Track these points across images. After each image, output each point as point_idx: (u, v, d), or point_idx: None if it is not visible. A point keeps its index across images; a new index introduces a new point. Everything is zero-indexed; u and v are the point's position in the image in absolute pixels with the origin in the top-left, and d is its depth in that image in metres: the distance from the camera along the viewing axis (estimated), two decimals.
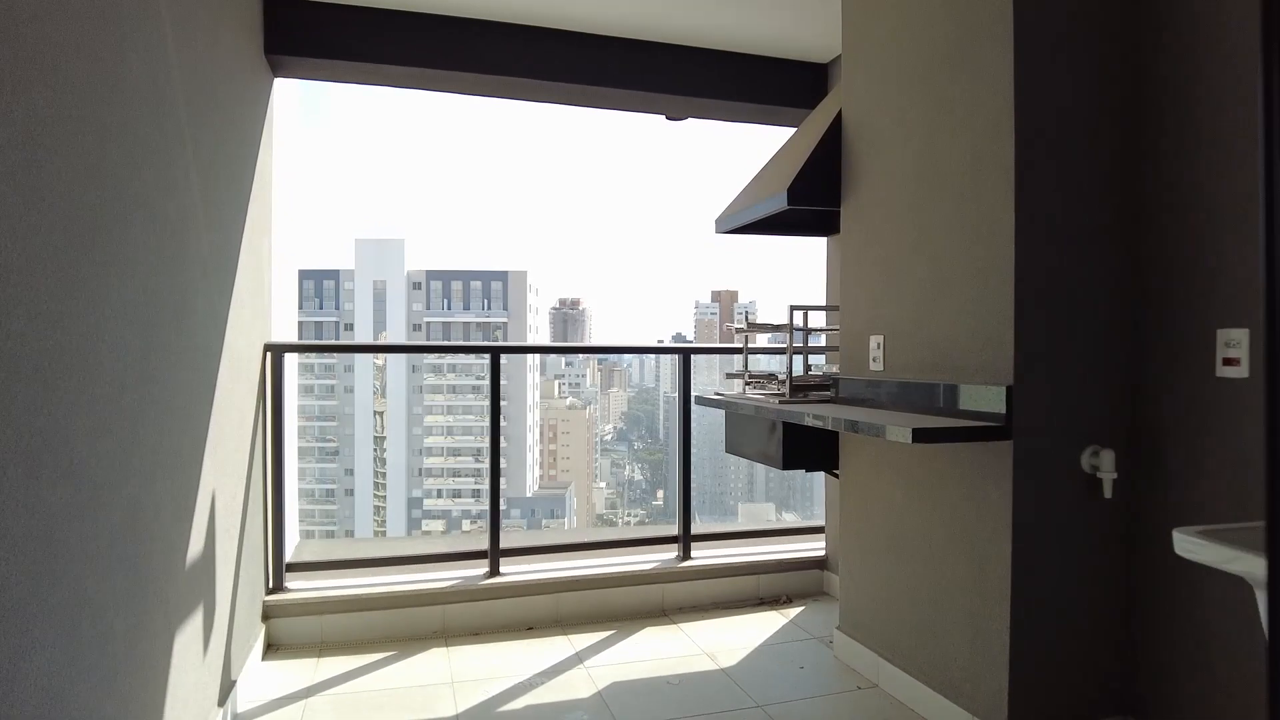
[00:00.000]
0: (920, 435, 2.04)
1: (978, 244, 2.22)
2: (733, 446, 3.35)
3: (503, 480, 3.67)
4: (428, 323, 59.77)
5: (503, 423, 3.48)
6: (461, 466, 54.56)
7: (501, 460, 3.55)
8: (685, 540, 3.60)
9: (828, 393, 2.99)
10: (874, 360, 2.70)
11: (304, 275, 60.38)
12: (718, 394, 3.40)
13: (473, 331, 60.11)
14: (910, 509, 2.53)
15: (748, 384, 3.36)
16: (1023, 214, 2.09)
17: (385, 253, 59.80)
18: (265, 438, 3.06)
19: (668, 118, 4.07)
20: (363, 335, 58.34)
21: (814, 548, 3.78)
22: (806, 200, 2.88)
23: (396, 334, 58.67)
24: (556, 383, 70.48)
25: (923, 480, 2.47)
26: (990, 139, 2.17)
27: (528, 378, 58.16)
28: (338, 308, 60.21)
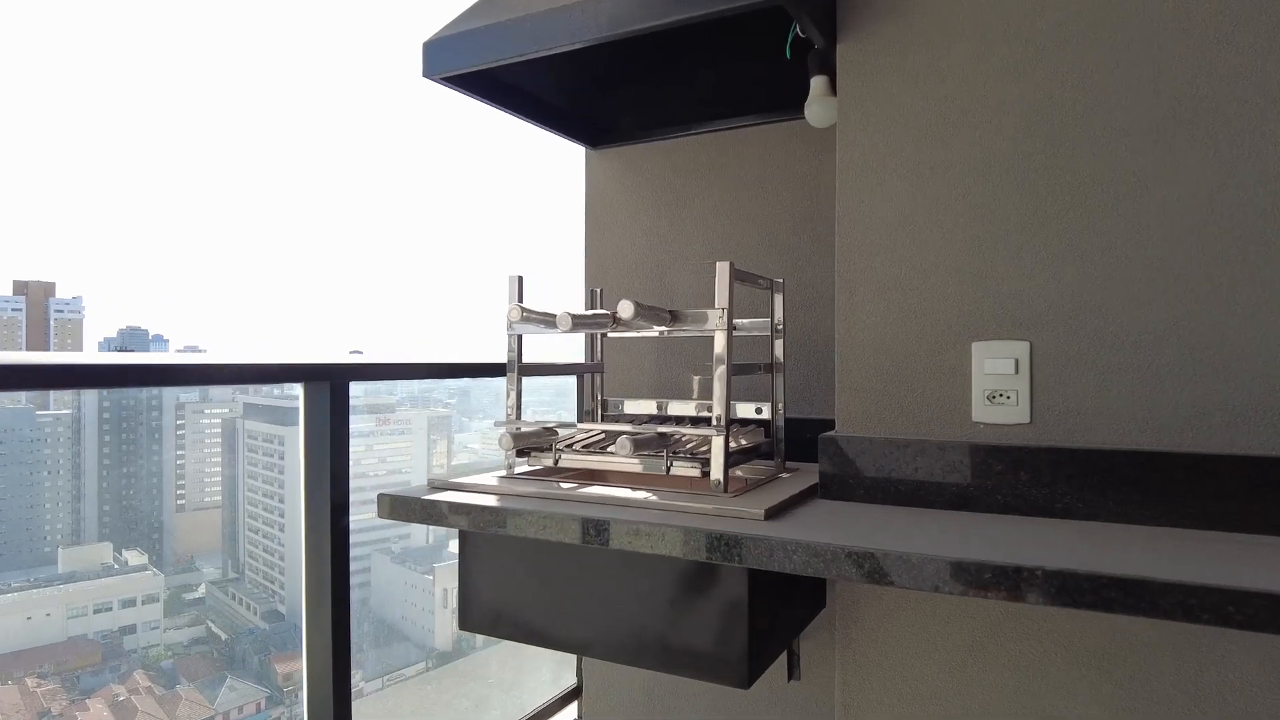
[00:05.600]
0: None
1: None
2: (515, 626, 1.28)
3: None
4: None
5: None
6: None
7: None
8: None
9: (794, 467, 1.28)
10: (990, 399, 1.12)
11: None
12: (476, 487, 1.30)
13: None
14: None
15: (511, 451, 1.36)
16: None
17: None
18: None
19: None
20: None
21: None
22: None
23: None
24: None
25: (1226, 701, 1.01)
26: None
27: None
28: None
